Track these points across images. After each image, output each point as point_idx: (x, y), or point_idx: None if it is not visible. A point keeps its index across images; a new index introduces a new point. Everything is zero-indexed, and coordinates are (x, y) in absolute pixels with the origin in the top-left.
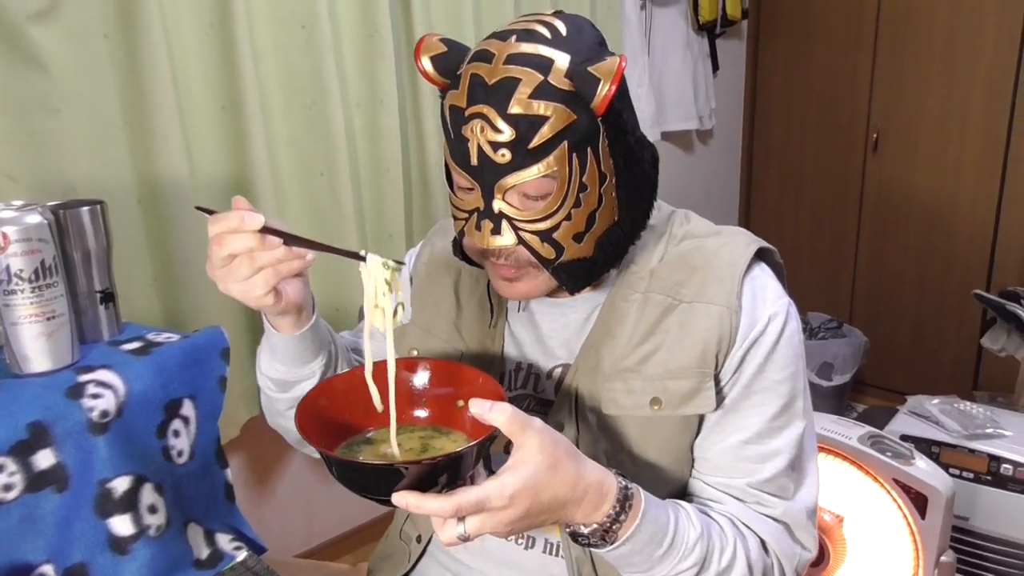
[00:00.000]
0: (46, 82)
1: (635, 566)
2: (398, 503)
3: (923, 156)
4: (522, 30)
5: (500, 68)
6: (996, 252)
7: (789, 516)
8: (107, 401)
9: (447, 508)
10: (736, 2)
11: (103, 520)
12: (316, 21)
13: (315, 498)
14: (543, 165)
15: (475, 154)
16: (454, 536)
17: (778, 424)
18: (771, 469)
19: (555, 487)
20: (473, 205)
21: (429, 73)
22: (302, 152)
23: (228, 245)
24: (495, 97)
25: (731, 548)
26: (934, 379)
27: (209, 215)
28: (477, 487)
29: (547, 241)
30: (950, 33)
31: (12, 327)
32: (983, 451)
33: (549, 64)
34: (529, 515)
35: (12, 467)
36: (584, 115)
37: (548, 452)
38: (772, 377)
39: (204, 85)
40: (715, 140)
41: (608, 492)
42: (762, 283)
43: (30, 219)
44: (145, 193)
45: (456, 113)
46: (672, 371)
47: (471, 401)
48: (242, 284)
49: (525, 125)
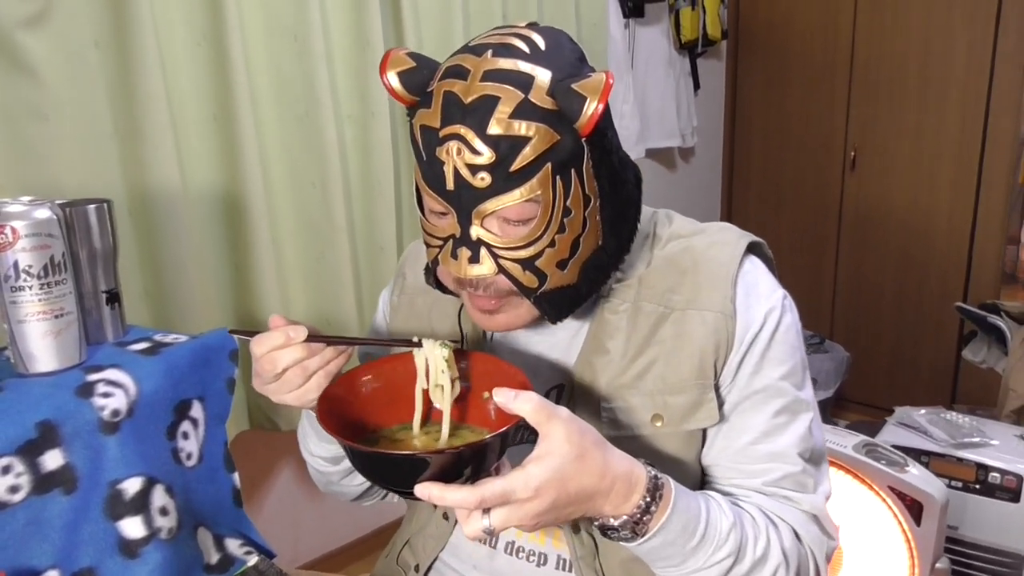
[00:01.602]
0: (36, 90)
1: (668, 559)
2: (421, 495)
3: (900, 173)
4: (498, 44)
5: (477, 85)
6: (972, 266)
7: (814, 508)
8: (118, 400)
9: (471, 499)
10: (716, 22)
11: (113, 522)
12: (308, 33)
13: (302, 516)
14: (525, 189)
15: (451, 178)
16: (479, 529)
17: (784, 420)
18: (785, 466)
19: (582, 478)
20: (448, 232)
21: (396, 89)
22: (294, 163)
23: (280, 362)
24: (472, 116)
25: (764, 537)
26: (913, 393)
27: (250, 337)
28: (502, 478)
29: (529, 269)
30: (924, 53)
31: (18, 325)
32: (971, 460)
33: (529, 81)
34: (556, 507)
35: (19, 467)
36: (568, 135)
37: (575, 442)
38: (771, 375)
39: (196, 95)
40: (696, 158)
41: (637, 482)
42: (754, 279)
43: (39, 214)
44: (135, 203)
45: (428, 133)
46: (671, 385)
47: (495, 390)
48: (296, 392)
49: (506, 146)
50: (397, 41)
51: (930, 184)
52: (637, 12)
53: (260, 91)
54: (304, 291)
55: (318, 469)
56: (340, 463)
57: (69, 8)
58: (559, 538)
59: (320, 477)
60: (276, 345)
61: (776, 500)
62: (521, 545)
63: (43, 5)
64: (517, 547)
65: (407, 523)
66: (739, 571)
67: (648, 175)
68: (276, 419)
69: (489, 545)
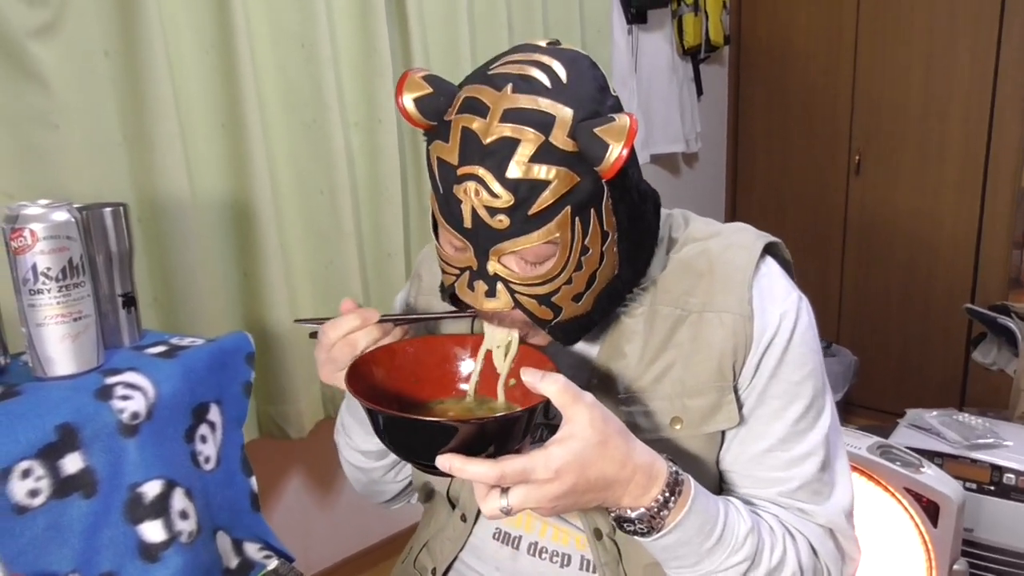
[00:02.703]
0: (46, 98)
1: (682, 559)
2: (442, 465)
3: (905, 178)
4: (518, 76)
5: (496, 126)
6: (979, 270)
7: (829, 521)
8: (137, 403)
9: (492, 473)
10: (718, 27)
11: (133, 526)
12: (315, 40)
13: (312, 525)
14: (544, 231)
15: (469, 217)
16: (496, 508)
17: (802, 427)
18: (801, 475)
19: (603, 464)
20: (465, 264)
21: (411, 114)
22: (302, 170)
23: (360, 344)
24: (491, 159)
25: (781, 546)
26: (921, 397)
27: (318, 325)
28: (523, 456)
29: (545, 304)
30: (927, 58)
31: (37, 328)
32: (985, 461)
33: (550, 121)
34: (575, 492)
35: (39, 471)
36: (588, 176)
37: (598, 428)
38: (789, 379)
39: (204, 103)
40: (700, 163)
41: (658, 476)
42: (769, 283)
43: (57, 216)
44: (145, 211)
45: (446, 169)
46: (690, 388)
47: (523, 369)
48: None
49: (525, 190)
50: (403, 48)
51: (935, 188)
52: (640, 18)
53: (268, 98)
54: (313, 298)
55: (360, 466)
56: (384, 457)
57: (78, 17)
58: (582, 540)
59: (360, 476)
60: (353, 328)
61: (792, 512)
62: (544, 546)
63: (53, 14)
64: (540, 548)
65: (423, 527)
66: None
67: (653, 180)
68: (286, 427)
69: (512, 547)
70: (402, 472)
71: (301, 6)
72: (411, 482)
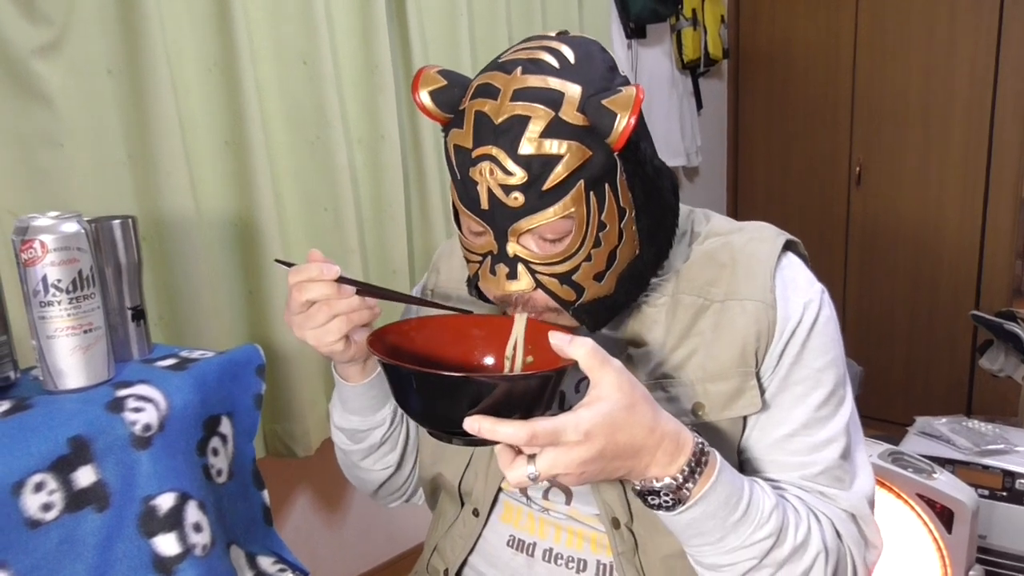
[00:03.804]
0: (50, 117)
1: (707, 534)
2: (470, 427)
3: (906, 188)
4: (527, 60)
5: (507, 105)
6: (983, 279)
7: (852, 506)
8: (149, 415)
9: (522, 433)
10: (717, 42)
11: (147, 539)
12: (318, 57)
13: (318, 546)
14: (559, 206)
15: (485, 197)
16: (524, 475)
17: (824, 413)
18: (824, 460)
19: (632, 428)
20: (486, 248)
21: (428, 108)
22: (306, 188)
23: (307, 292)
24: (504, 137)
25: (805, 524)
26: (928, 406)
27: (288, 267)
28: (553, 417)
29: (567, 283)
30: (927, 67)
31: (48, 340)
32: (997, 467)
33: (559, 98)
34: (603, 457)
35: (52, 484)
36: (600, 150)
37: (626, 391)
38: (812, 365)
39: (208, 121)
40: (701, 177)
41: (684, 445)
42: (792, 274)
43: (67, 227)
44: (149, 230)
45: (462, 154)
46: (712, 373)
47: (551, 333)
48: (317, 331)
49: (538, 166)
50: (404, 64)
51: (937, 198)
52: (639, 33)
53: (271, 116)
54: None
55: (341, 448)
56: (361, 440)
57: (82, 36)
58: (598, 543)
59: (343, 459)
60: (310, 277)
61: (814, 496)
62: (560, 552)
63: (57, 34)
64: (555, 554)
65: (432, 530)
66: (778, 555)
67: None
68: (293, 445)
69: (527, 554)
70: (382, 460)
71: (303, 24)
72: (394, 472)
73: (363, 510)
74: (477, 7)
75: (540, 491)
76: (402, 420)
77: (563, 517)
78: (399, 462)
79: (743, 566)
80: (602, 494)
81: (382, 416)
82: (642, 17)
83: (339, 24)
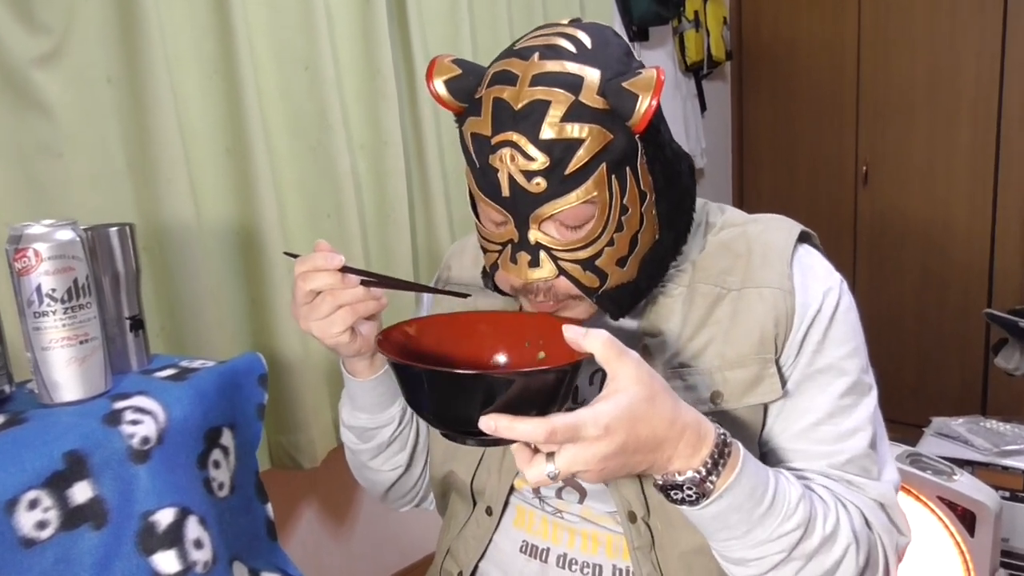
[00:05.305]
0: (49, 126)
1: (733, 528)
2: (486, 427)
3: (914, 186)
4: (544, 46)
5: (526, 91)
6: (994, 277)
7: (881, 496)
8: (147, 427)
9: (540, 429)
10: (720, 43)
11: (146, 557)
12: (319, 63)
13: (325, 560)
14: (581, 191)
15: (506, 185)
16: (543, 474)
17: (848, 402)
18: (850, 449)
19: (653, 420)
20: (506, 237)
21: (443, 97)
22: (308, 194)
23: (312, 281)
24: (524, 122)
25: (834, 515)
26: (942, 407)
27: (295, 258)
28: (571, 413)
29: (589, 269)
30: (932, 65)
31: (43, 352)
32: (1018, 468)
33: (579, 82)
34: (624, 451)
35: (47, 502)
36: (621, 134)
37: (645, 383)
38: (834, 354)
39: (209, 129)
40: (707, 179)
41: (706, 436)
42: (810, 261)
43: (62, 235)
44: (150, 239)
45: (480, 142)
46: (731, 361)
47: (564, 327)
48: (321, 321)
49: (559, 150)
50: (406, 69)
51: (945, 196)
52: (642, 36)
53: (273, 123)
54: None
55: (350, 447)
56: (370, 439)
57: (81, 44)
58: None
59: (353, 459)
60: (314, 266)
61: (842, 484)
62: (574, 557)
63: (55, 42)
64: (570, 560)
65: (444, 532)
66: (806, 547)
67: None
68: (298, 457)
69: (540, 560)
70: (391, 460)
71: (304, 29)
72: (403, 473)
73: (372, 522)
74: (478, 12)
75: (553, 489)
76: (411, 419)
77: (577, 520)
78: (408, 463)
79: (772, 560)
80: (619, 488)
81: (391, 414)
82: (644, 20)
83: (340, 29)
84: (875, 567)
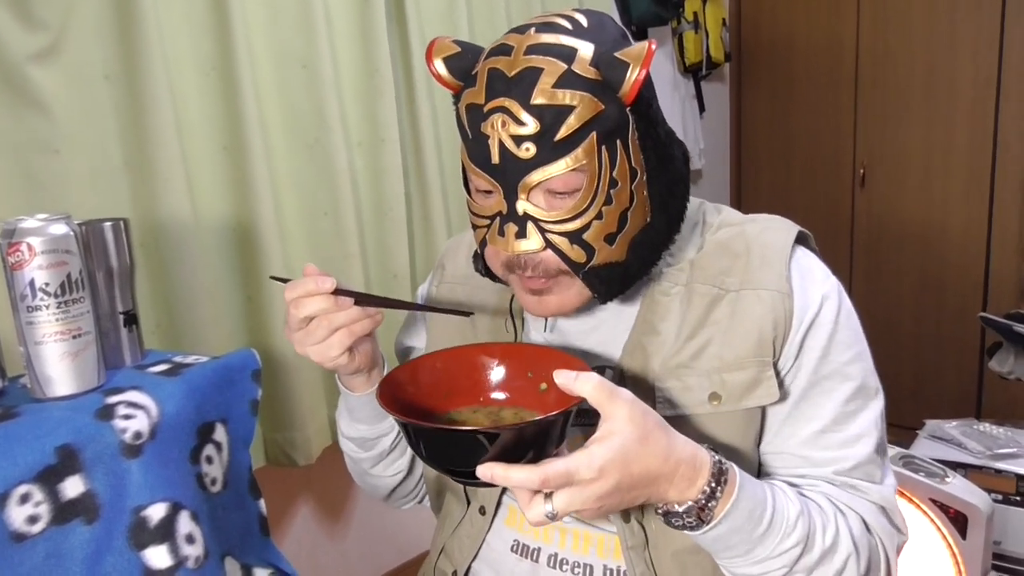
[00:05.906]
0: (46, 123)
1: (734, 548)
2: (483, 475)
3: (911, 188)
4: (541, 23)
5: (521, 59)
6: (990, 280)
7: (883, 499)
8: (140, 422)
9: (534, 478)
10: (719, 45)
11: (138, 552)
12: (317, 61)
13: (320, 557)
14: (571, 159)
15: (496, 151)
16: (542, 514)
17: (853, 408)
18: (856, 455)
19: (646, 459)
20: (495, 209)
21: (443, 76)
22: (305, 192)
23: (304, 308)
24: (517, 88)
25: (833, 525)
26: (937, 410)
27: (284, 283)
28: (565, 458)
29: (577, 243)
30: (929, 67)
31: (36, 346)
32: (1010, 471)
33: (572, 53)
34: (620, 489)
35: (38, 496)
36: (612, 105)
37: (638, 423)
38: (838, 359)
39: (206, 126)
40: (704, 180)
41: (702, 467)
42: (807, 264)
43: (55, 229)
44: (147, 236)
45: (474, 111)
46: (728, 363)
47: (556, 372)
48: (318, 346)
49: (550, 116)
50: (404, 67)
51: (943, 199)
52: (641, 36)
53: (270, 120)
54: None
55: (350, 456)
56: (371, 448)
57: (78, 41)
58: (604, 546)
59: (353, 467)
60: (306, 291)
61: (844, 490)
62: (565, 557)
63: (53, 39)
64: (560, 559)
65: (439, 531)
66: (808, 561)
67: None
68: (293, 454)
69: (531, 560)
70: (392, 466)
71: (302, 27)
72: (405, 477)
73: (367, 519)
74: (477, 10)
75: None
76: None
77: (569, 519)
78: (410, 467)
79: (775, 574)
80: None
81: (390, 423)
82: (643, 20)
83: (338, 27)
84: (876, 570)
